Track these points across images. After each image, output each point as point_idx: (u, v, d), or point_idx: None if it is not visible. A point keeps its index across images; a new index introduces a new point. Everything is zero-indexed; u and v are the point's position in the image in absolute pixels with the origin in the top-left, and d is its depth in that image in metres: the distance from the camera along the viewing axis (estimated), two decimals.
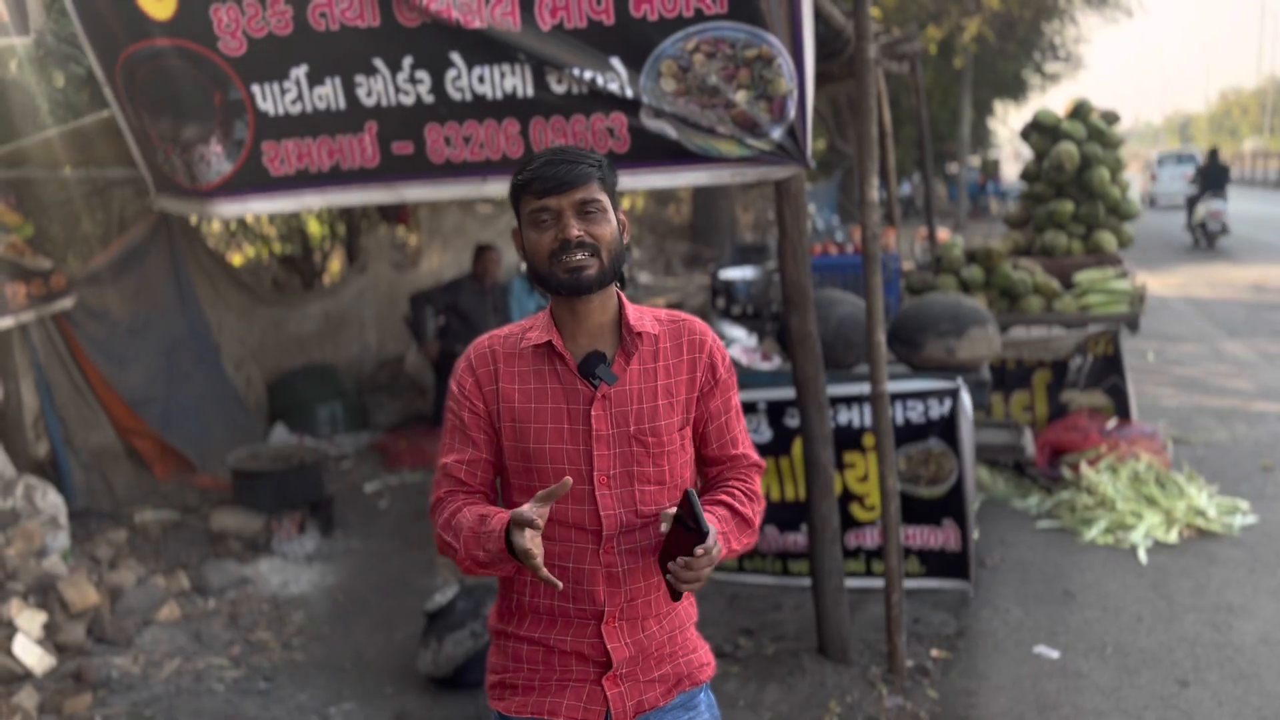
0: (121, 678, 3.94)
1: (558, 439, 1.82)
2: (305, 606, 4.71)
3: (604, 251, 1.80)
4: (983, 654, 4.02)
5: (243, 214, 4.50)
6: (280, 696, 3.92)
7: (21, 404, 5.23)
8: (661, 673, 1.91)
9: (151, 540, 5.30)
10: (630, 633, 1.87)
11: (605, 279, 1.81)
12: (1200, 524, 5.09)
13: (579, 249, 1.77)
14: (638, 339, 1.86)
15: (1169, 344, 9.72)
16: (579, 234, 1.77)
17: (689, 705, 1.96)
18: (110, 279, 5.84)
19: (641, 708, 1.89)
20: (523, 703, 1.91)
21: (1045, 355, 6.16)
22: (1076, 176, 6.87)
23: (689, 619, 2.00)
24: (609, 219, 1.81)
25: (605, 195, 1.82)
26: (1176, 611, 4.28)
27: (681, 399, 1.88)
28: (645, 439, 1.83)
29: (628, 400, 1.83)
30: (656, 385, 1.86)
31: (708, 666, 2.00)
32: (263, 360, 7.53)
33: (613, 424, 1.82)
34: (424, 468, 6.79)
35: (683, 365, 1.89)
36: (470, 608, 3.99)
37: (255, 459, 5.72)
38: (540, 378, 1.85)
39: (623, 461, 1.83)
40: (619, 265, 1.84)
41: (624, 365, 1.85)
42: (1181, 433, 6.57)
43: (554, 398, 1.83)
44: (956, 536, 4.35)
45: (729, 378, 1.94)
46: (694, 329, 1.92)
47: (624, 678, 1.87)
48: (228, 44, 3.61)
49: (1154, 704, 3.58)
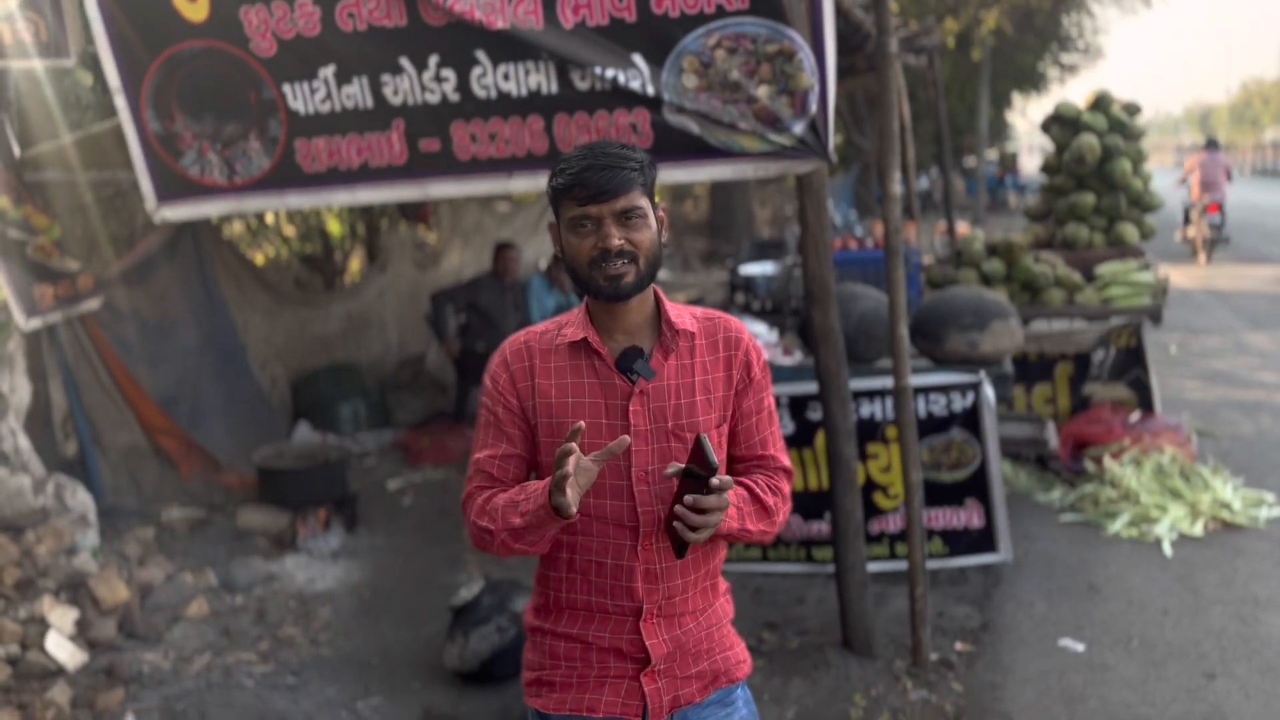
0: (152, 673, 3.99)
1: (595, 434, 1.82)
2: (331, 602, 4.76)
3: (642, 258, 1.80)
4: (1007, 647, 4.01)
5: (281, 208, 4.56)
6: (308, 691, 3.96)
7: (50, 404, 5.30)
8: (699, 669, 1.93)
9: (179, 538, 5.36)
10: (668, 629, 1.89)
11: (644, 284, 1.82)
12: (1225, 517, 5.07)
13: (619, 257, 1.78)
14: (676, 336, 1.86)
15: (1192, 337, 9.65)
16: (620, 243, 1.77)
17: (725, 702, 1.97)
18: (136, 280, 5.90)
19: (678, 703, 1.91)
20: (560, 699, 1.92)
21: (1067, 348, 6.13)
22: (1098, 169, 6.84)
23: (725, 616, 2.01)
24: (649, 223, 1.81)
25: (646, 199, 1.81)
26: (1202, 604, 4.26)
27: (719, 396, 1.88)
28: (683, 435, 1.83)
29: (665, 396, 1.84)
30: (694, 381, 1.86)
31: (744, 664, 2.01)
32: (287, 359, 7.59)
33: (651, 419, 1.83)
34: (446, 465, 6.82)
35: (719, 363, 1.89)
36: (495, 603, 4.02)
37: (280, 457, 5.76)
38: (577, 373, 1.85)
39: (660, 457, 1.83)
40: (657, 266, 1.84)
41: (661, 361, 1.85)
42: (1206, 425, 6.53)
43: (591, 393, 1.84)
44: (980, 513, 4.36)
45: (763, 378, 1.94)
46: (730, 327, 1.92)
47: (661, 673, 1.89)
48: (258, 45, 3.67)
49: (1181, 696, 3.57)
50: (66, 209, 5.46)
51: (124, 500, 5.62)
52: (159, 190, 3.97)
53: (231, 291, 6.91)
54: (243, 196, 3.93)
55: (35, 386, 5.17)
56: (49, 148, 5.23)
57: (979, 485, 4.36)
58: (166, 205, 4.00)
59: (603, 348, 1.84)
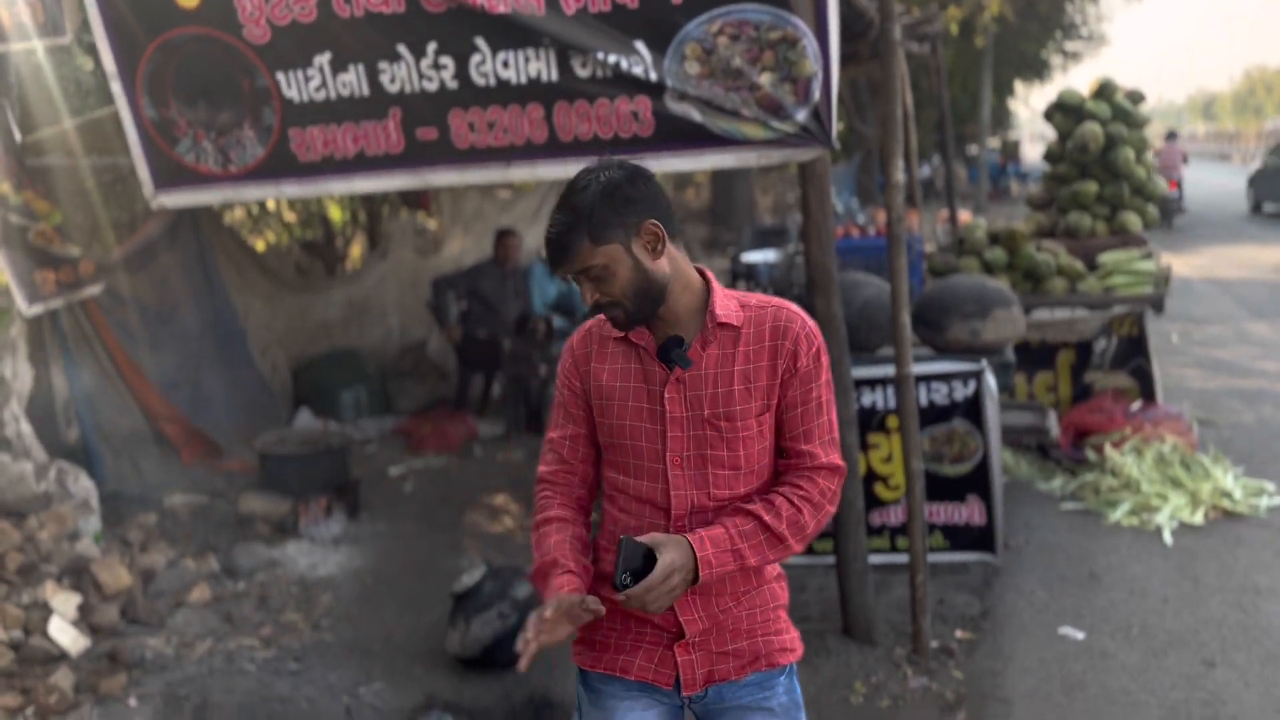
0: (155, 658, 4.00)
1: (637, 417, 1.91)
2: (333, 588, 4.77)
3: (624, 301, 1.84)
4: (1008, 635, 4.02)
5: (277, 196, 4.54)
6: (311, 677, 3.97)
7: (52, 389, 5.30)
8: (736, 647, 1.96)
9: (181, 523, 5.36)
10: (704, 606, 1.93)
11: (639, 316, 1.87)
12: (1226, 506, 5.07)
13: (600, 309, 1.87)
14: (718, 328, 1.89)
15: (1194, 326, 9.65)
16: (594, 298, 1.85)
17: (764, 685, 1.99)
18: (138, 266, 5.90)
19: (713, 678, 1.95)
20: (597, 658, 2.01)
21: (1069, 336, 6.13)
22: (1101, 157, 6.82)
23: (774, 600, 2.02)
24: (614, 271, 1.81)
25: (605, 246, 1.79)
26: (1203, 593, 4.27)
27: (761, 385, 1.89)
28: (719, 423, 1.88)
29: (702, 384, 1.88)
30: (734, 370, 1.88)
31: (789, 652, 2.02)
32: (288, 345, 7.59)
33: (686, 407, 1.89)
34: (447, 452, 6.82)
35: (764, 352, 1.89)
36: (497, 589, 4.02)
37: (281, 443, 5.77)
38: (626, 359, 1.94)
39: (696, 444, 1.89)
40: (648, 296, 1.85)
41: (700, 351, 1.89)
42: (1207, 414, 6.53)
43: (635, 378, 1.93)
44: (981, 511, 4.37)
45: (811, 369, 1.90)
46: (781, 316, 1.91)
47: (696, 646, 1.94)
48: (252, 31, 3.64)
49: (1180, 684, 3.58)
50: (68, 194, 5.45)
51: (126, 486, 5.63)
52: (156, 177, 3.95)
53: (232, 277, 6.90)
54: (238, 185, 3.90)
55: (37, 372, 5.16)
56: (50, 133, 5.21)
57: (980, 481, 4.36)
58: (164, 192, 3.98)
59: (642, 338, 1.91)
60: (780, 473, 1.96)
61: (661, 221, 1.84)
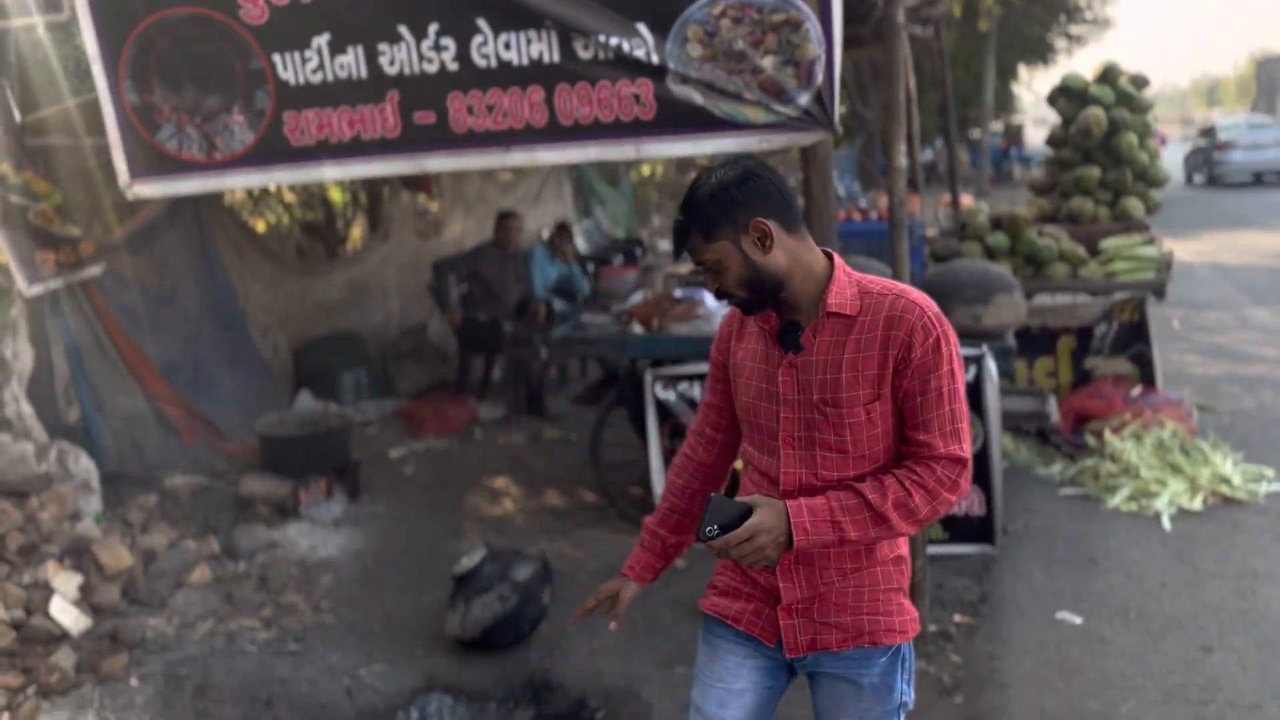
0: (156, 638, 4.02)
1: (759, 396, 2.03)
2: (334, 570, 4.78)
3: (738, 289, 1.94)
4: (1006, 619, 4.04)
5: (265, 184, 4.49)
6: (311, 658, 3.99)
7: (53, 370, 5.30)
8: (839, 621, 2.02)
9: (181, 504, 5.37)
10: (806, 576, 2.01)
11: (760, 304, 1.96)
12: (1225, 491, 5.08)
13: (722, 296, 1.98)
14: (829, 317, 1.94)
15: (1195, 311, 9.63)
16: (713, 287, 1.97)
17: (864, 661, 2.03)
18: (138, 247, 5.89)
19: (815, 645, 2.03)
20: (715, 603, 2.16)
21: (1070, 321, 6.12)
22: (1104, 142, 6.79)
23: (887, 582, 2.04)
24: (726, 264, 1.92)
25: (717, 241, 1.91)
26: (1201, 578, 4.28)
27: (871, 374, 1.91)
28: (825, 408, 1.94)
29: (813, 370, 1.95)
30: (843, 359, 1.93)
31: (896, 633, 2.03)
32: (288, 327, 7.58)
33: (798, 390, 1.97)
34: (448, 435, 6.83)
35: (876, 341, 1.91)
36: (497, 572, 4.04)
37: (282, 424, 5.77)
38: (757, 339, 2.05)
39: (805, 426, 1.97)
40: (761, 285, 1.93)
41: (811, 338, 1.96)
42: (1207, 400, 6.53)
43: (760, 359, 2.03)
44: (980, 501, 4.36)
45: (930, 360, 1.89)
46: (898, 306, 1.91)
47: (798, 613, 2.03)
48: (249, 12, 3.61)
49: (1178, 669, 3.60)
50: (68, 175, 5.43)
51: (127, 467, 5.64)
52: (132, 166, 3.88)
53: (232, 259, 6.89)
54: (222, 173, 3.84)
55: (37, 353, 5.16)
56: (51, 112, 5.19)
57: (980, 470, 4.34)
58: (140, 181, 3.90)
59: (768, 321, 2.00)
60: (903, 459, 1.97)
61: (774, 217, 1.91)
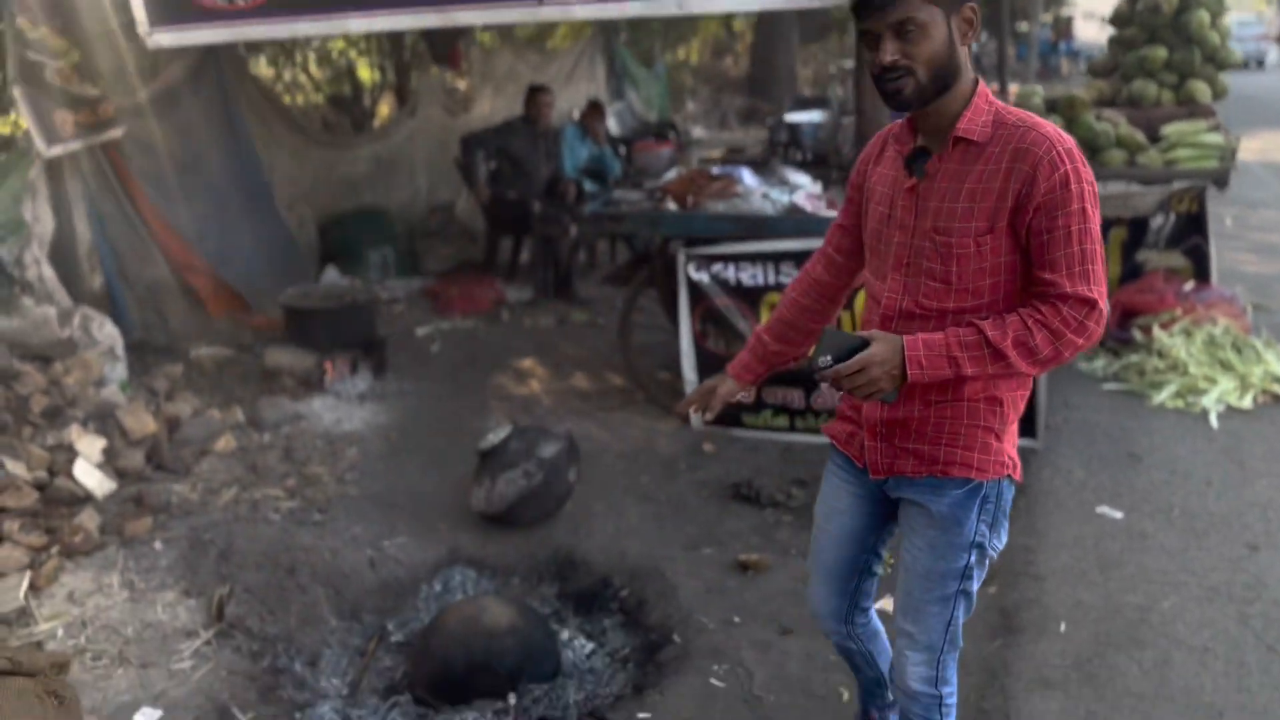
0: (180, 503, 4.00)
1: (880, 221, 2.03)
2: (359, 444, 4.73)
3: (921, 69, 1.84)
4: (1043, 512, 3.93)
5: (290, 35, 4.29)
6: (335, 528, 3.96)
7: (75, 235, 5.19)
8: (916, 448, 2.04)
9: (206, 375, 5.33)
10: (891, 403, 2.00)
11: (927, 94, 1.86)
12: (1277, 390, 4.89)
13: (891, 73, 1.85)
14: (956, 142, 1.90)
15: (1249, 210, 9.27)
16: (891, 59, 1.83)
17: (935, 489, 2.05)
18: (160, 111, 5.70)
19: (893, 470, 2.08)
20: (830, 426, 2.26)
21: (1124, 212, 5.83)
22: (1173, 20, 6.39)
23: (973, 419, 2.00)
24: (929, 33, 1.82)
25: (929, 6, 1.81)
26: (1248, 476, 4.14)
27: (988, 205, 1.87)
28: (935, 236, 1.92)
29: (932, 197, 1.93)
30: (963, 188, 1.89)
31: (973, 469, 2.01)
32: (314, 201, 7.44)
33: (915, 216, 1.96)
34: (475, 315, 6.72)
35: (999, 173, 1.86)
36: (523, 448, 3.96)
37: (307, 297, 5.67)
38: (891, 165, 2.03)
39: (914, 253, 1.97)
40: (946, 75, 1.86)
41: (937, 165, 1.93)
42: (1261, 300, 6.28)
43: (889, 184, 2.02)
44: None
45: (1058, 196, 1.81)
46: (1028, 139, 1.84)
47: (881, 436, 2.07)
48: None
49: (1221, 566, 3.49)
50: (86, 33, 5.22)
51: (152, 336, 5.59)
52: (151, 12, 3.70)
53: (257, 128, 6.70)
54: (245, 22, 3.66)
55: (59, 217, 5.05)
56: None
57: None
58: (160, 29, 3.74)
59: (900, 144, 1.99)
60: (1031, 294, 1.91)
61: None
